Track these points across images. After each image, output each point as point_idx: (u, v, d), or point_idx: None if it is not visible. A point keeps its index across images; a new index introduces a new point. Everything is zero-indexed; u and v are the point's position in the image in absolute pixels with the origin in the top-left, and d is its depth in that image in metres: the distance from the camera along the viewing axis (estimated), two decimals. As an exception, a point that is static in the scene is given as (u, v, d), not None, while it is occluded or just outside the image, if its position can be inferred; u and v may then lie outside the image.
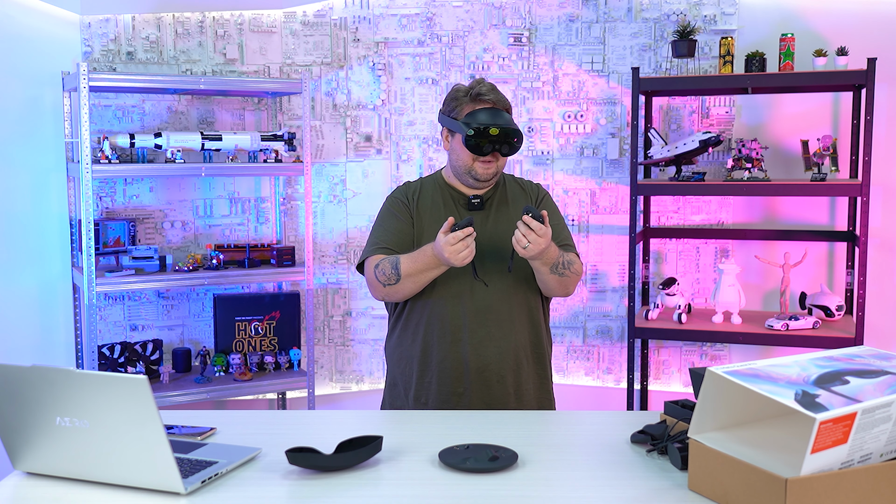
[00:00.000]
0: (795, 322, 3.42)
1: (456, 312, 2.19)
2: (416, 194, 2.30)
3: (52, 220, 3.66)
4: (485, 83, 2.21)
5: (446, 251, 1.99)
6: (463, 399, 2.18)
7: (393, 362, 2.31)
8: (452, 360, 2.18)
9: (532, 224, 1.98)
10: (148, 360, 3.66)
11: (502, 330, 2.19)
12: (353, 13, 3.97)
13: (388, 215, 2.29)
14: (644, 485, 1.56)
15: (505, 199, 2.29)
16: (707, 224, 3.87)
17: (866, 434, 1.36)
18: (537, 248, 2.00)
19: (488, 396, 2.18)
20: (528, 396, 2.24)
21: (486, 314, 2.18)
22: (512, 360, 2.20)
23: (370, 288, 2.23)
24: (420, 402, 2.22)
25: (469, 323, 2.18)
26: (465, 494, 1.52)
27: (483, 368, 2.18)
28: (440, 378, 2.19)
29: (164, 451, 1.47)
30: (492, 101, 2.18)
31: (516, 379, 2.21)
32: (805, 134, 3.61)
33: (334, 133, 4.02)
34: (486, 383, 2.18)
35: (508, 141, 2.16)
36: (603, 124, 3.92)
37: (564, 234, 2.28)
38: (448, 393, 2.19)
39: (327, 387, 4.10)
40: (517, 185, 2.35)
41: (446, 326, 2.19)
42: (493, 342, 2.18)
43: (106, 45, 3.80)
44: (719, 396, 1.45)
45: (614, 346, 4.00)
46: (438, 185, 2.30)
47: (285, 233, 4.02)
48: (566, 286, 2.21)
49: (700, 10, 3.77)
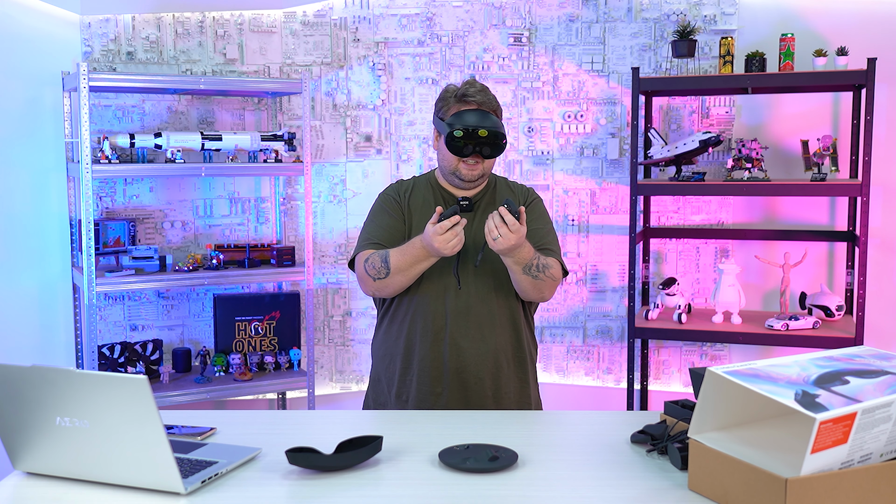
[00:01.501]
0: (795, 322, 3.42)
1: (439, 311, 2.18)
2: (408, 192, 2.30)
3: (52, 220, 3.66)
4: (475, 84, 2.20)
5: (436, 241, 1.99)
6: (440, 399, 2.18)
7: (377, 358, 2.31)
8: (433, 360, 2.18)
9: (506, 217, 1.97)
10: (148, 360, 3.66)
11: (482, 331, 2.18)
12: (353, 13, 3.97)
13: (380, 211, 2.29)
14: (644, 485, 1.56)
15: (493, 202, 2.27)
16: (707, 224, 3.87)
17: (866, 434, 1.36)
18: (507, 242, 1.98)
19: (465, 398, 2.18)
20: (507, 399, 2.22)
21: (466, 315, 2.18)
22: (491, 362, 2.19)
23: (360, 283, 2.22)
24: (401, 400, 2.22)
25: (450, 322, 2.17)
26: (465, 494, 1.52)
27: (461, 369, 2.17)
28: (420, 377, 2.19)
29: (164, 451, 1.47)
30: (477, 102, 2.17)
31: (495, 381, 2.20)
32: (805, 134, 3.61)
33: (334, 133, 4.02)
34: (464, 384, 2.17)
35: (491, 143, 2.14)
36: (603, 124, 3.92)
37: (548, 239, 2.26)
38: (427, 392, 2.19)
39: (327, 387, 4.10)
40: (508, 189, 2.34)
41: (429, 325, 2.18)
42: (472, 343, 2.18)
43: (106, 45, 3.80)
44: (719, 396, 1.45)
45: (614, 346, 4.00)
46: (430, 185, 2.30)
47: (285, 233, 4.02)
48: (541, 290, 2.16)
49: (700, 10, 3.77)
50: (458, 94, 2.18)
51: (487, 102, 2.18)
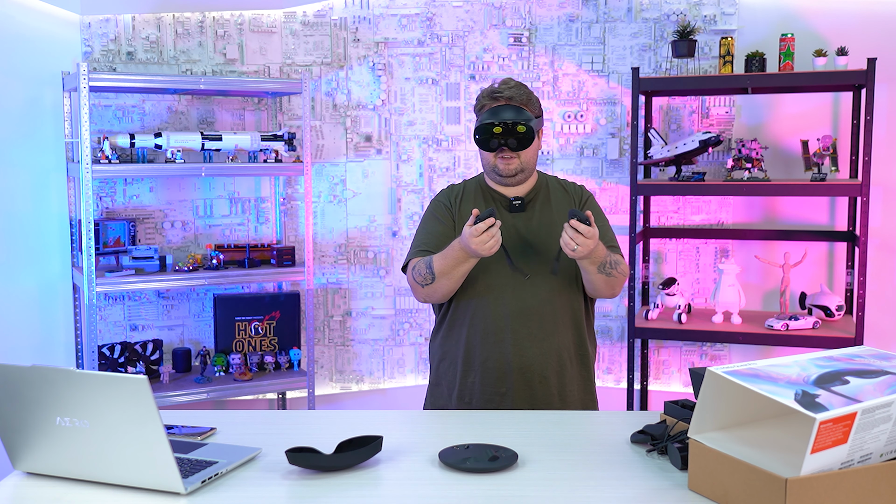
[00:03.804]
0: (795, 322, 3.42)
1: (499, 313, 2.19)
2: (458, 197, 2.32)
3: (52, 220, 3.66)
4: (509, 81, 2.22)
5: (472, 243, 2.02)
6: (506, 399, 2.19)
7: (437, 362, 2.32)
8: (496, 360, 2.19)
9: (579, 227, 2.00)
10: (148, 360, 3.66)
11: (545, 330, 2.19)
12: (353, 13, 3.97)
13: (431, 218, 2.32)
14: (644, 485, 1.56)
15: (548, 200, 2.30)
16: (707, 224, 3.87)
17: (866, 434, 1.36)
18: (586, 249, 2.02)
19: (531, 397, 2.19)
20: (572, 398, 2.24)
21: (528, 314, 2.19)
22: (555, 360, 2.20)
23: (412, 291, 2.26)
24: (464, 402, 2.23)
25: (511, 323, 2.18)
26: (465, 494, 1.52)
27: (526, 369, 2.18)
28: (483, 378, 2.20)
29: (164, 451, 1.47)
30: (506, 97, 2.19)
31: (560, 380, 2.21)
32: (805, 134, 3.61)
33: (334, 133, 4.02)
34: (529, 383, 2.18)
35: (515, 135, 2.16)
36: (603, 124, 3.92)
37: (609, 235, 2.28)
38: (491, 392, 2.20)
39: (327, 387, 4.10)
40: (560, 187, 2.35)
41: (489, 326, 2.19)
42: (535, 342, 2.19)
43: (106, 45, 3.80)
44: (719, 396, 1.45)
45: (614, 346, 4.00)
46: (480, 187, 2.32)
47: (285, 233, 4.02)
48: (612, 286, 2.21)
49: (700, 10, 3.77)
50: (488, 92, 2.22)
51: (517, 97, 2.19)
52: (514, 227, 2.23)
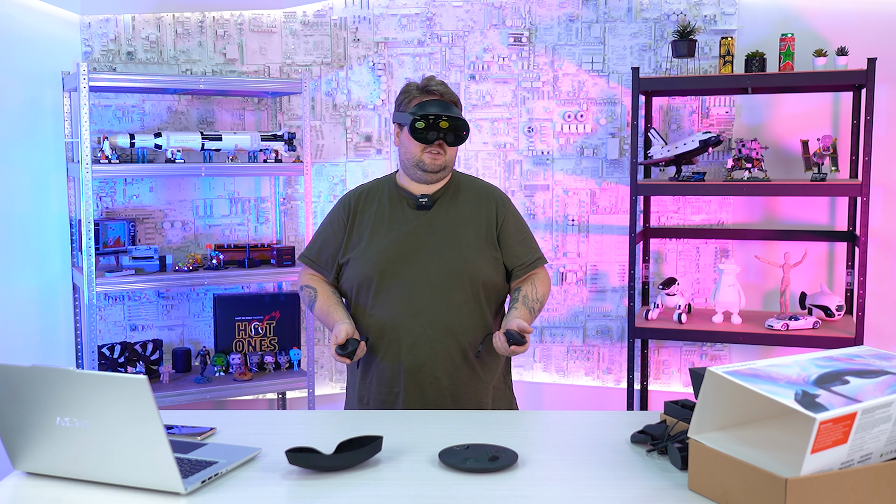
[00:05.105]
0: (795, 322, 3.42)
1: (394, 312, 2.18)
2: (362, 198, 2.31)
3: (52, 220, 3.66)
4: (435, 78, 2.27)
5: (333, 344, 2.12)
6: (398, 399, 2.18)
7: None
8: (390, 360, 2.19)
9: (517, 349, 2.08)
10: (148, 360, 3.66)
11: (437, 331, 2.17)
12: (353, 13, 3.97)
13: (326, 224, 2.36)
14: (644, 485, 1.56)
15: (455, 198, 2.28)
16: (707, 224, 3.87)
17: (866, 434, 1.36)
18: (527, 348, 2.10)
19: (422, 398, 2.18)
20: (465, 399, 2.20)
21: (422, 314, 2.17)
22: (447, 362, 2.18)
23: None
24: (363, 403, 2.24)
25: (405, 323, 2.17)
26: (465, 494, 1.52)
27: (417, 370, 2.17)
28: (378, 378, 2.21)
29: (164, 451, 1.47)
30: (440, 93, 2.23)
31: (453, 381, 2.19)
32: (805, 134, 3.61)
33: (334, 133, 4.02)
34: (420, 385, 2.17)
35: (455, 131, 2.19)
36: (603, 124, 3.92)
37: (531, 246, 2.31)
38: (386, 393, 2.20)
39: (327, 387, 4.10)
40: (473, 188, 2.33)
41: (385, 327, 2.19)
42: (427, 343, 2.17)
43: (106, 45, 3.80)
44: (719, 396, 1.45)
45: (614, 346, 4.00)
46: (390, 186, 2.31)
47: (285, 233, 4.02)
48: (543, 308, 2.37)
49: (700, 10, 3.77)
50: (421, 87, 2.25)
51: (448, 94, 2.25)
52: (417, 225, 2.23)
